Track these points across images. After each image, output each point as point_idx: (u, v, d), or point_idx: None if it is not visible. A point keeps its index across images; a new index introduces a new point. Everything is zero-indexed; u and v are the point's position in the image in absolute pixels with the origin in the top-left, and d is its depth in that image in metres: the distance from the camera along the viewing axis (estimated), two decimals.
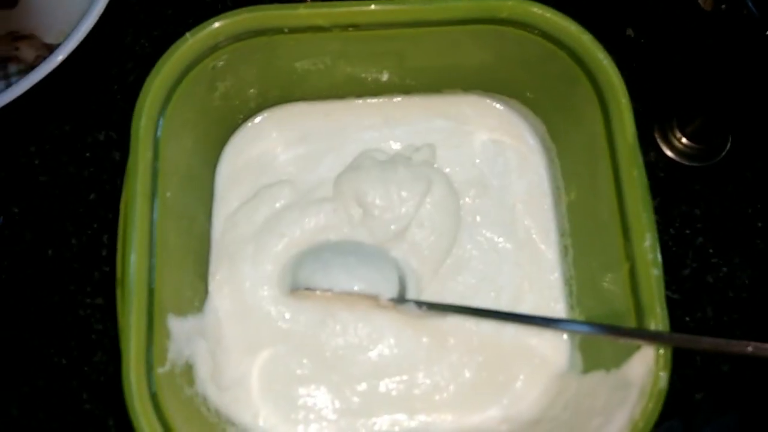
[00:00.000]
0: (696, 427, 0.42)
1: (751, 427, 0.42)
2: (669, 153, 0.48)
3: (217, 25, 0.36)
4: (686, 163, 0.48)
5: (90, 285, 0.46)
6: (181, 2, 0.52)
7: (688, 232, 0.47)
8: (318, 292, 0.39)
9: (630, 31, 0.50)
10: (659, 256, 0.33)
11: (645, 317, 0.33)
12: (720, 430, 0.42)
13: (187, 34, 0.36)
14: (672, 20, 0.47)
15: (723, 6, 0.36)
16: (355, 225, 0.42)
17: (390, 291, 0.39)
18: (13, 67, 0.49)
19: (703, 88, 0.47)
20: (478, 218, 0.43)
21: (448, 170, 0.44)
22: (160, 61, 0.35)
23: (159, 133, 0.35)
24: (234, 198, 0.43)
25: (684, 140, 0.48)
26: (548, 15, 0.36)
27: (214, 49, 0.37)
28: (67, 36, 0.44)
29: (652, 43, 0.50)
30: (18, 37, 0.49)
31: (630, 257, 0.34)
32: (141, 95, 0.35)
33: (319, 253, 0.41)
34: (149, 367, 0.32)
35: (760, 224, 0.47)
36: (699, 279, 0.46)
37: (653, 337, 0.32)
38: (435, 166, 0.44)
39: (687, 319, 0.45)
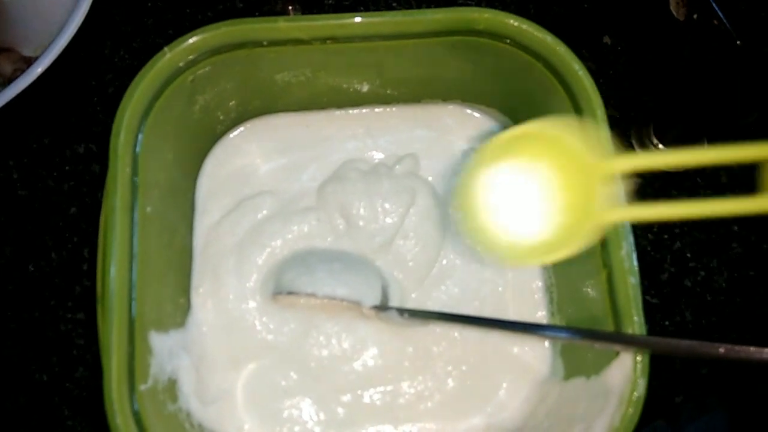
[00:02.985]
0: (681, 425, 0.43)
1: (737, 424, 0.43)
2: None
3: (195, 39, 0.36)
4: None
5: (71, 300, 0.45)
6: (161, 13, 0.52)
7: (665, 237, 0.48)
8: (302, 300, 0.39)
9: (607, 39, 0.51)
10: (635, 264, 0.34)
11: (622, 324, 0.33)
12: (705, 428, 0.43)
13: (166, 48, 0.35)
14: (647, 29, 0.48)
15: (695, 16, 0.37)
16: (339, 235, 0.42)
17: (373, 299, 0.39)
18: None
19: (679, 95, 0.48)
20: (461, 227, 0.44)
21: (430, 179, 0.44)
22: (138, 77, 0.35)
23: (138, 149, 0.35)
24: (215, 210, 0.43)
25: (661, 146, 0.48)
26: (524, 27, 0.36)
27: (193, 62, 0.37)
28: (45, 49, 0.44)
29: (629, 50, 0.51)
30: None
31: (607, 265, 0.34)
32: (119, 111, 0.35)
33: (304, 257, 0.41)
34: (131, 385, 0.32)
35: (736, 228, 0.48)
36: (677, 283, 0.47)
37: (629, 342, 0.33)
38: (419, 175, 0.44)
39: (666, 323, 0.46)
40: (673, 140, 0.48)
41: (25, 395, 0.44)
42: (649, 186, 0.48)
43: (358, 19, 0.36)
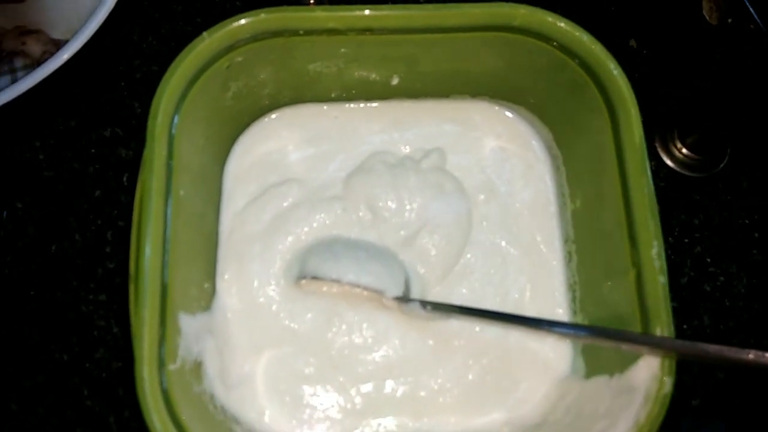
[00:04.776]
0: None
1: None
2: (669, 163, 0.49)
3: (235, 24, 0.36)
4: (686, 173, 0.49)
5: (93, 281, 0.46)
6: (190, 0, 0.52)
7: (686, 241, 0.48)
8: (326, 286, 0.39)
9: (633, 42, 0.51)
10: (665, 264, 0.34)
11: (651, 324, 0.33)
12: None
13: (205, 33, 0.36)
14: (676, 33, 0.48)
15: (729, 20, 0.37)
16: (364, 227, 0.42)
17: (396, 290, 0.39)
18: (19, 62, 0.49)
19: (705, 100, 0.48)
20: (484, 224, 0.44)
21: (457, 175, 0.44)
22: (177, 60, 0.36)
23: (174, 131, 0.35)
24: (242, 196, 0.43)
25: (684, 151, 0.48)
26: (561, 24, 0.36)
27: (230, 48, 0.37)
28: (75, 32, 0.44)
29: (654, 54, 0.51)
30: (25, 31, 0.49)
31: (636, 264, 0.34)
32: (157, 93, 0.35)
33: (329, 244, 0.41)
34: (161, 364, 0.32)
35: (757, 234, 0.48)
36: (696, 287, 0.47)
37: (656, 344, 0.33)
38: (446, 170, 0.44)
39: (684, 326, 0.46)
40: (697, 145, 0.48)
41: (44, 374, 0.44)
42: (672, 190, 0.49)
43: (394, 12, 0.37)
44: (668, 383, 0.32)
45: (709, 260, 0.47)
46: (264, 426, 0.39)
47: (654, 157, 0.49)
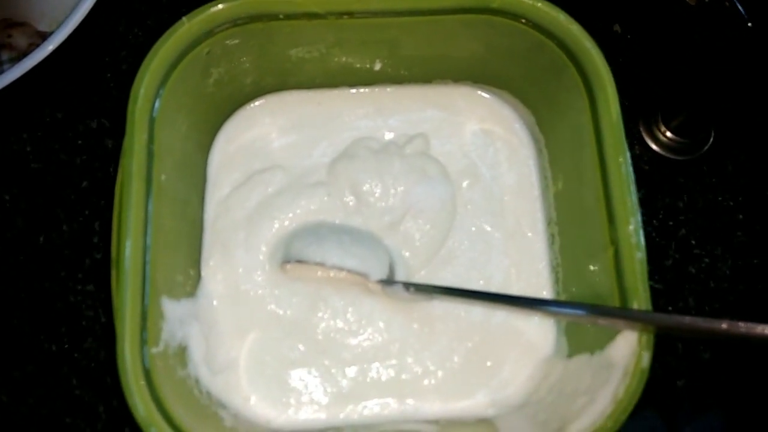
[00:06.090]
0: (678, 425, 0.43)
1: (735, 426, 0.43)
2: (654, 146, 0.49)
3: (214, 9, 0.36)
4: (670, 156, 0.49)
5: (81, 272, 0.46)
6: None
7: (671, 223, 0.48)
8: (310, 269, 0.40)
9: (617, 27, 0.51)
10: (642, 240, 0.34)
11: (628, 298, 0.34)
12: (702, 429, 0.43)
13: (184, 18, 0.36)
14: (658, 15, 0.49)
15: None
16: (349, 212, 0.43)
17: (380, 273, 0.40)
18: (5, 55, 0.49)
19: (688, 83, 0.49)
20: (468, 208, 0.44)
21: (441, 159, 0.44)
22: (157, 44, 0.36)
23: (155, 115, 0.35)
24: (226, 184, 0.44)
25: (668, 134, 0.49)
26: (538, 5, 0.37)
27: (210, 33, 0.37)
28: (60, 24, 0.44)
29: (638, 39, 0.51)
30: (11, 24, 0.49)
31: (614, 241, 0.35)
32: (137, 77, 0.35)
33: (314, 228, 0.41)
34: (143, 344, 0.32)
35: (741, 216, 0.48)
36: (681, 269, 0.47)
37: (632, 317, 0.33)
38: (430, 155, 0.44)
39: (669, 308, 0.46)
40: (681, 128, 0.48)
41: (34, 364, 0.44)
42: (657, 173, 0.49)
43: None
44: (646, 357, 0.32)
45: (693, 242, 0.48)
46: (249, 410, 0.39)
47: (638, 140, 0.49)
